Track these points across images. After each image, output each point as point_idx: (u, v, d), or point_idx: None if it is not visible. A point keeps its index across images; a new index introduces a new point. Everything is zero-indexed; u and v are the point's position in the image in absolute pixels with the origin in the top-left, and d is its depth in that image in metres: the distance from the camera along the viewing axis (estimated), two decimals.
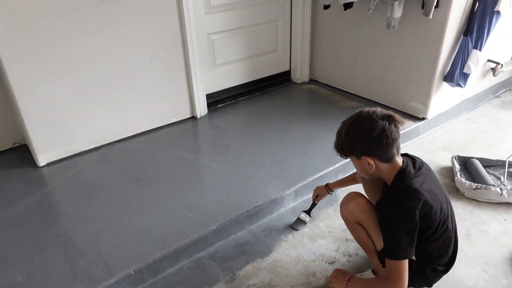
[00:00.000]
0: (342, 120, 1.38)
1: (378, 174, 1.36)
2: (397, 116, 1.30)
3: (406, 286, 1.28)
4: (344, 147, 1.35)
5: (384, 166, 1.33)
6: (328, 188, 1.83)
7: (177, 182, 2.09)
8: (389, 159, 1.31)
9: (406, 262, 1.27)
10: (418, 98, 2.62)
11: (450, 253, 1.41)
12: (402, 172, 1.32)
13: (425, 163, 1.43)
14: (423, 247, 1.35)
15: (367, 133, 1.27)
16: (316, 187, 1.89)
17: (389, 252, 1.30)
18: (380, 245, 1.42)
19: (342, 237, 1.84)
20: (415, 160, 1.40)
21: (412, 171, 1.33)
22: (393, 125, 1.27)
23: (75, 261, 1.62)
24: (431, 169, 1.43)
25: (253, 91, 3.13)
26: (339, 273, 1.55)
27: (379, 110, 1.31)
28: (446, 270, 1.44)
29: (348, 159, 1.43)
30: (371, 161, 1.31)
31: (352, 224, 1.52)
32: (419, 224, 1.26)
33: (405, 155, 1.41)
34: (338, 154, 1.40)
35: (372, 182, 1.55)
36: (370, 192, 1.59)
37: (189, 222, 1.81)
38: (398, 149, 1.32)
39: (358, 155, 1.33)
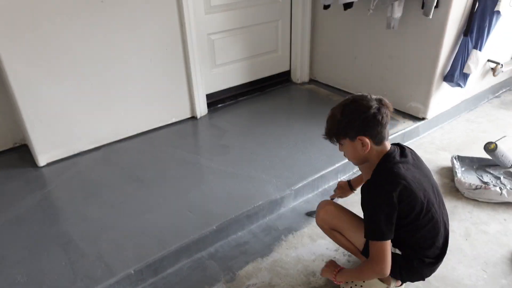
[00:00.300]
0: (328, 114, 1.42)
1: (367, 158, 1.39)
2: (386, 100, 1.36)
3: (389, 267, 1.31)
4: (340, 129, 1.37)
5: (374, 149, 1.36)
6: (351, 187, 1.80)
7: (177, 182, 2.10)
8: (381, 140, 1.35)
9: (387, 243, 1.30)
10: (418, 98, 2.62)
11: (438, 244, 1.41)
12: (387, 156, 1.36)
13: (414, 153, 1.46)
14: (407, 235, 1.37)
15: (363, 112, 1.32)
16: (340, 185, 1.84)
17: (368, 233, 1.34)
18: (359, 245, 1.46)
19: None
20: (404, 148, 1.43)
21: (398, 157, 1.37)
22: (385, 107, 1.33)
23: (75, 261, 1.62)
24: (420, 159, 1.45)
25: (253, 91, 3.13)
26: (331, 264, 1.57)
27: (370, 93, 1.37)
28: (435, 263, 1.43)
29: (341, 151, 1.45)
30: (367, 140, 1.33)
31: (328, 231, 1.57)
32: (397, 208, 1.29)
33: (396, 144, 1.44)
34: (330, 139, 1.42)
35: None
36: None
37: (189, 222, 1.81)
38: (388, 133, 1.37)
39: (353, 136, 1.35)
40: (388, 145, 1.39)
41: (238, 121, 2.73)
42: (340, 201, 1.84)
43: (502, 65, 2.79)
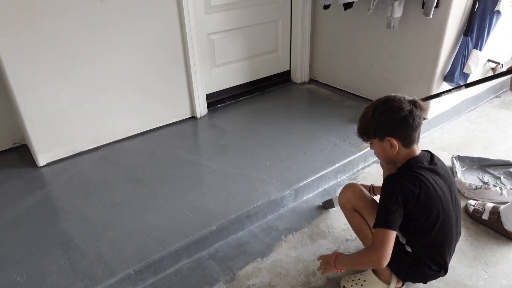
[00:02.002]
0: (361, 112, 1.43)
1: (396, 159, 1.41)
2: (421, 102, 1.36)
3: (386, 258, 1.30)
4: (370, 128, 1.38)
5: (403, 151, 1.37)
6: (373, 192, 1.79)
7: (177, 182, 2.09)
8: (410, 143, 1.36)
9: (390, 233, 1.30)
10: (418, 98, 2.61)
11: (443, 255, 1.42)
12: (414, 159, 1.37)
13: (444, 164, 1.46)
14: (418, 238, 1.38)
15: (394, 113, 1.32)
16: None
17: (376, 221, 1.34)
18: None
19: (342, 237, 1.84)
20: (433, 156, 1.43)
21: (425, 163, 1.38)
22: (418, 110, 1.33)
23: (75, 261, 1.62)
24: (448, 170, 1.45)
25: (253, 91, 3.13)
26: (325, 258, 1.52)
27: (404, 95, 1.37)
28: (439, 271, 1.45)
29: (365, 150, 1.46)
30: (395, 142, 1.34)
31: (350, 211, 1.58)
32: (408, 206, 1.31)
33: (427, 151, 1.45)
34: (361, 137, 1.44)
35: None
36: None
37: (189, 222, 1.81)
38: (418, 137, 1.38)
39: (382, 136, 1.36)
40: (417, 149, 1.40)
41: (238, 121, 2.73)
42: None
43: (502, 65, 2.78)
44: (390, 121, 1.34)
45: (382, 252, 1.30)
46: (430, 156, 1.42)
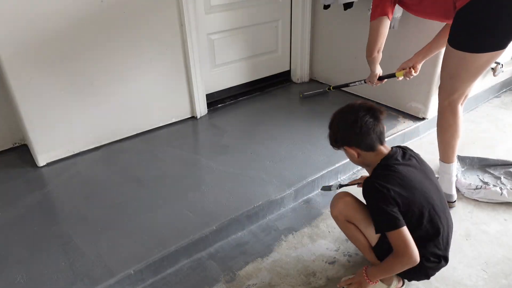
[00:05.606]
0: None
1: (366, 163, 1.44)
2: (377, 107, 1.38)
3: (416, 251, 1.30)
4: (331, 140, 1.47)
5: (368, 155, 1.40)
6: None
7: (177, 182, 2.09)
8: (371, 147, 1.38)
9: (404, 230, 1.30)
10: (418, 98, 2.62)
11: (439, 245, 1.41)
12: (386, 158, 1.39)
13: (418, 155, 1.47)
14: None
15: (343, 123, 1.39)
16: (362, 177, 1.76)
17: (380, 226, 1.35)
18: (372, 239, 1.46)
19: (342, 237, 1.84)
20: (406, 151, 1.44)
21: (399, 158, 1.39)
22: (368, 116, 1.35)
23: (75, 261, 1.62)
24: (424, 162, 1.47)
25: (253, 91, 3.13)
26: (352, 280, 1.52)
27: (362, 102, 1.40)
28: (438, 262, 1.43)
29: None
30: (352, 151, 1.40)
31: (343, 222, 1.55)
32: (397, 202, 1.31)
33: (398, 147, 1.46)
34: (332, 147, 1.49)
35: None
36: None
37: (189, 222, 1.81)
38: (380, 138, 1.39)
39: (341, 146, 1.44)
40: (384, 149, 1.41)
41: (238, 121, 2.73)
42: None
43: (502, 65, 2.78)
44: (341, 131, 1.41)
45: (408, 251, 1.30)
46: (402, 152, 1.43)
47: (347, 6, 2.61)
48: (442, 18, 1.85)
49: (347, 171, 2.28)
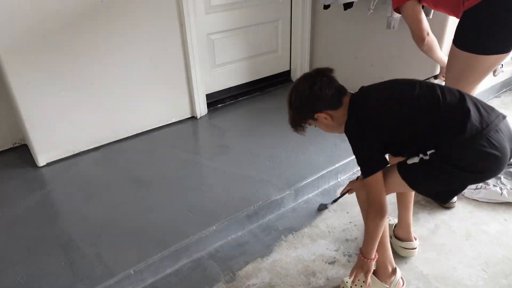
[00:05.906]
0: None
1: (340, 122, 1.40)
2: (323, 67, 1.38)
3: (383, 198, 1.31)
4: (296, 118, 1.42)
5: (339, 113, 1.37)
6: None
7: (177, 182, 2.09)
8: (338, 101, 1.36)
9: (375, 177, 1.30)
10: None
11: (465, 124, 1.20)
12: (352, 101, 1.37)
13: (377, 84, 1.46)
14: (421, 141, 1.29)
15: (302, 96, 1.36)
16: (351, 182, 1.69)
17: (362, 173, 1.35)
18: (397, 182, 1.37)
19: (342, 237, 1.84)
20: (362, 87, 1.44)
21: (359, 94, 1.40)
22: (320, 76, 1.35)
23: (75, 261, 1.62)
24: (391, 82, 1.45)
25: (253, 91, 3.13)
26: (355, 268, 1.46)
27: (306, 72, 1.42)
28: (472, 139, 1.19)
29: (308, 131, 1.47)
30: (324, 115, 1.37)
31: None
32: (381, 130, 1.30)
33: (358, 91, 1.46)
34: (297, 131, 1.45)
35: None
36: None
37: (189, 222, 1.81)
38: (341, 91, 1.38)
39: (312, 117, 1.39)
40: (347, 97, 1.39)
41: (238, 121, 2.73)
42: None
43: (502, 65, 2.76)
44: (305, 101, 1.37)
45: (377, 200, 1.31)
46: (363, 88, 1.43)
47: (347, 6, 2.61)
48: (450, 12, 1.84)
49: (347, 171, 2.28)
